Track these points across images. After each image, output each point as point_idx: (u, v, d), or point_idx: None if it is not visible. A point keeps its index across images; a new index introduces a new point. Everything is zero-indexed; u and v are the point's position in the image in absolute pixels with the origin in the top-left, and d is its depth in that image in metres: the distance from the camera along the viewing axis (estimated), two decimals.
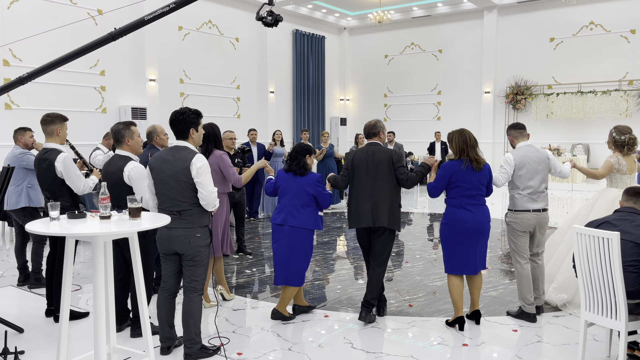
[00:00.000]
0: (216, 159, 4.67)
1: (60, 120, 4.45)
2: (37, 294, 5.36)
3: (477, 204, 4.28)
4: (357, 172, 4.47)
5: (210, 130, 4.69)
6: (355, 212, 4.46)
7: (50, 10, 10.78)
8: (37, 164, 4.44)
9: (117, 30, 4.69)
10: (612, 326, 3.33)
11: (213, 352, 3.80)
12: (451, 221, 4.30)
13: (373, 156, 4.42)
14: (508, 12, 16.35)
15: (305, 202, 4.38)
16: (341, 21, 18.90)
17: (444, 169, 4.30)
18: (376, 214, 4.37)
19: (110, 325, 3.17)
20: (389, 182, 4.40)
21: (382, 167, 4.39)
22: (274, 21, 4.85)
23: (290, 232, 4.36)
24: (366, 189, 4.42)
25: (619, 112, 14.49)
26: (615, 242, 3.18)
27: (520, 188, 4.49)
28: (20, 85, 4.92)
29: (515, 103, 16.07)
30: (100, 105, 11.83)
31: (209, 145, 4.69)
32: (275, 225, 4.45)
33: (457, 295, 4.35)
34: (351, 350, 3.95)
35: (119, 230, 2.86)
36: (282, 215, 4.40)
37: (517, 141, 4.66)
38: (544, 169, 4.52)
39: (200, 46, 14.11)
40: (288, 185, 4.43)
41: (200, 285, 3.68)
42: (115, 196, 3.80)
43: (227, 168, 4.70)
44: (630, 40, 14.49)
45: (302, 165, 4.42)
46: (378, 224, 4.38)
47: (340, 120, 18.89)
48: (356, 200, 4.46)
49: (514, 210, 4.52)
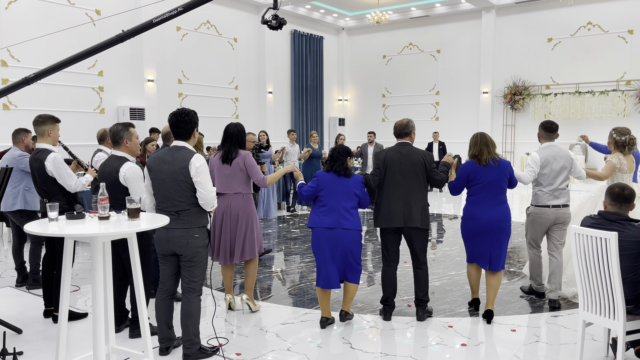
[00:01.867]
0: (242, 158, 4.57)
1: (52, 122, 4.45)
2: (36, 294, 5.35)
3: (496, 202, 4.44)
4: (389, 171, 4.47)
5: (235, 130, 4.60)
6: (386, 212, 4.47)
7: (48, 11, 10.77)
8: (31, 164, 4.48)
9: (124, 32, 4.73)
10: (610, 326, 3.34)
11: (212, 353, 3.80)
12: (468, 218, 4.54)
13: (407, 156, 4.46)
14: (506, 13, 16.38)
15: (354, 204, 4.36)
16: (339, 21, 18.91)
17: (462, 168, 4.53)
18: (408, 214, 4.41)
19: (109, 325, 3.16)
20: (421, 182, 4.46)
21: (415, 167, 4.43)
22: (278, 24, 4.96)
23: (344, 234, 4.27)
24: (398, 188, 4.43)
25: (617, 112, 14.52)
26: (613, 242, 3.19)
27: (544, 185, 4.83)
28: (26, 85, 4.94)
29: (513, 103, 16.10)
30: (98, 106, 11.82)
31: (232, 145, 4.59)
32: (322, 229, 4.30)
33: (472, 281, 4.79)
34: (350, 351, 3.95)
35: (118, 230, 2.85)
36: (331, 217, 4.28)
37: (544, 140, 4.99)
38: (566, 169, 4.83)
39: (199, 46, 14.10)
40: (333, 187, 4.34)
41: (198, 286, 3.68)
42: (111, 197, 3.80)
43: (253, 167, 4.60)
44: (628, 40, 14.53)
45: (345, 167, 4.38)
46: (410, 224, 4.42)
47: (339, 120, 18.90)
48: (387, 200, 4.47)
49: (536, 205, 4.91)
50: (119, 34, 4.75)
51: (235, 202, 4.55)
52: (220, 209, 4.58)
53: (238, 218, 4.54)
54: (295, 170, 4.87)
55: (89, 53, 4.94)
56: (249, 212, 4.61)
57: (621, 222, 3.42)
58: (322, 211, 4.34)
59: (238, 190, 4.56)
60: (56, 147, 4.49)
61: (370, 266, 6.48)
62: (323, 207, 4.34)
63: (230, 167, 4.54)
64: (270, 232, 8.72)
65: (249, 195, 4.63)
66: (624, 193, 3.51)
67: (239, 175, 4.55)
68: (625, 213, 3.51)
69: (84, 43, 10.78)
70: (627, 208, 3.51)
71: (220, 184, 4.58)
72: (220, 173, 4.58)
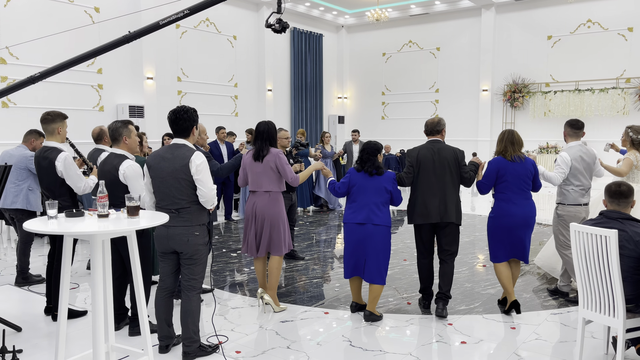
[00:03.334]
0: (273, 156, 4.58)
1: (61, 119, 4.44)
2: (35, 292, 5.35)
3: (524, 197, 4.55)
4: (422, 168, 4.55)
5: (265, 128, 4.60)
6: (422, 208, 4.53)
7: (47, 8, 10.74)
8: (37, 162, 4.42)
9: (131, 33, 4.79)
10: (609, 324, 3.34)
11: (211, 351, 3.80)
12: (499, 214, 4.59)
13: (439, 153, 4.54)
14: (506, 10, 16.36)
15: (385, 200, 4.44)
16: (339, 19, 18.88)
17: (489, 165, 4.60)
18: (444, 210, 4.49)
19: (108, 323, 3.16)
20: (454, 179, 4.55)
21: (448, 164, 4.53)
22: (281, 28, 5.13)
23: (375, 230, 4.36)
24: (433, 185, 4.51)
25: (617, 110, 14.52)
26: (613, 239, 3.18)
27: (574, 184, 4.87)
28: (31, 84, 4.98)
29: (513, 101, 16.10)
30: (97, 104, 11.80)
31: (263, 143, 4.59)
32: (353, 225, 4.41)
33: (505, 280, 4.66)
34: (349, 348, 3.95)
35: (117, 228, 2.85)
36: (362, 214, 4.39)
37: (570, 139, 5.04)
38: (593, 167, 4.95)
39: (198, 44, 14.08)
40: (365, 184, 4.42)
41: (198, 283, 3.68)
42: (111, 195, 3.79)
43: (285, 166, 4.59)
44: (628, 38, 14.52)
45: (377, 166, 4.44)
46: (446, 219, 4.50)
47: (338, 118, 18.89)
48: (422, 197, 4.53)
49: (566, 204, 4.90)
50: (126, 35, 4.80)
51: (262, 201, 4.59)
52: (250, 205, 4.67)
53: (264, 217, 4.59)
54: (324, 168, 4.87)
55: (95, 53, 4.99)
56: (275, 212, 4.61)
57: (622, 220, 3.42)
58: (354, 207, 4.45)
59: (267, 188, 4.59)
60: (64, 145, 4.48)
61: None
62: (354, 202, 4.46)
63: (262, 165, 4.58)
64: None
65: (277, 194, 4.63)
66: (620, 189, 3.51)
67: (270, 173, 4.57)
68: (625, 210, 3.51)
69: (83, 41, 10.79)
70: (626, 204, 3.50)
71: (251, 182, 4.66)
72: (252, 171, 4.63)
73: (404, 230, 8.49)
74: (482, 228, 8.57)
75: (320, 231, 8.59)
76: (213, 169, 4.87)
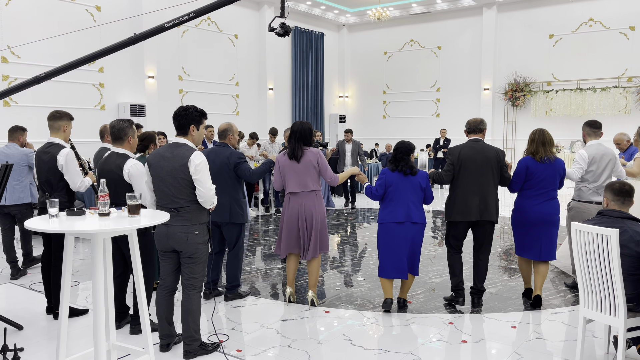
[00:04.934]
0: (315, 155, 4.57)
1: (68, 118, 4.54)
2: (37, 290, 5.36)
3: (547, 197, 4.69)
4: (464, 167, 4.61)
5: (299, 128, 4.59)
6: (462, 206, 4.62)
7: (49, 7, 10.75)
8: (38, 156, 4.48)
9: (137, 35, 4.86)
10: (610, 323, 3.34)
11: (212, 349, 3.80)
12: (517, 210, 4.81)
13: (482, 152, 4.63)
14: (507, 9, 16.34)
15: (421, 198, 4.56)
16: (340, 18, 18.86)
17: (519, 164, 4.75)
18: (484, 208, 4.60)
19: (109, 322, 3.16)
20: (494, 177, 4.67)
21: (490, 163, 4.62)
22: (284, 32, 5.21)
23: (412, 228, 4.50)
24: (474, 183, 4.59)
25: (618, 109, 14.50)
26: (614, 239, 3.18)
27: (590, 182, 5.01)
28: (36, 84, 5.05)
29: (515, 100, 16.08)
30: (99, 102, 11.81)
31: (297, 143, 4.58)
32: (392, 224, 4.50)
33: (524, 272, 5.02)
34: (350, 347, 3.95)
35: (118, 227, 2.85)
36: (400, 213, 4.48)
37: (590, 138, 5.15)
38: (610, 167, 5.03)
39: (199, 43, 14.08)
40: (401, 183, 4.52)
41: (199, 282, 3.68)
42: (113, 194, 3.80)
43: (327, 165, 4.61)
44: (630, 36, 14.49)
45: (410, 166, 4.52)
46: (485, 217, 4.61)
47: (339, 117, 18.88)
48: (463, 195, 4.61)
49: (579, 200, 5.08)
50: (132, 36, 4.87)
51: (309, 201, 4.59)
52: (294, 208, 4.60)
53: (312, 217, 4.59)
54: (360, 174, 4.88)
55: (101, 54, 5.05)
56: (322, 211, 4.67)
57: (623, 219, 3.42)
58: (391, 206, 4.52)
59: (312, 187, 4.59)
60: (67, 144, 4.52)
61: (370, 263, 6.48)
62: (392, 202, 4.53)
63: (301, 165, 4.56)
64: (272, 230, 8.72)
65: (320, 193, 4.66)
66: (625, 188, 3.52)
67: (312, 172, 4.57)
68: (627, 209, 3.51)
69: (85, 39, 10.80)
70: (629, 203, 3.52)
71: (292, 183, 4.60)
72: (292, 171, 4.59)
73: None
74: None
75: None
76: (245, 173, 4.75)
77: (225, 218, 4.78)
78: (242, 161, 4.76)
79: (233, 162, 4.73)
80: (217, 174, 4.64)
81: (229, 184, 4.75)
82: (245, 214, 4.85)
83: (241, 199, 4.83)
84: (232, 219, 4.78)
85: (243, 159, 4.78)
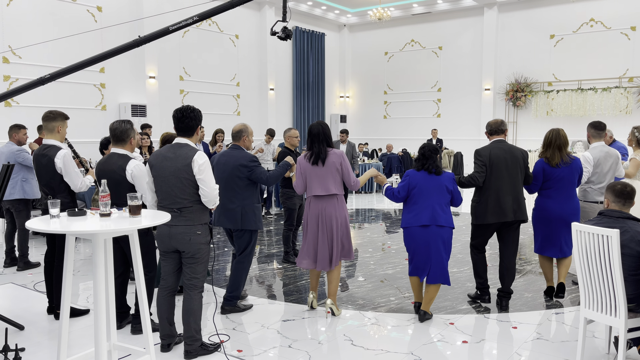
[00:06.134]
0: (338, 157, 4.43)
1: (62, 118, 4.48)
2: (38, 290, 5.37)
3: (567, 196, 4.78)
4: (495, 167, 4.60)
5: (319, 130, 4.44)
6: (495, 207, 4.60)
7: (50, 7, 10.75)
8: (36, 159, 4.46)
9: (142, 37, 4.89)
10: (611, 323, 3.34)
11: (213, 349, 3.80)
12: (538, 209, 4.91)
13: (511, 152, 4.66)
14: (508, 9, 16.33)
15: (447, 200, 4.38)
16: (341, 18, 18.86)
17: (535, 167, 4.81)
18: (517, 208, 4.63)
19: (110, 322, 3.17)
20: (522, 177, 4.71)
21: (518, 163, 4.67)
22: (286, 36, 5.29)
23: (439, 232, 4.31)
24: (506, 184, 4.61)
25: (619, 109, 14.48)
26: (615, 239, 3.18)
27: (595, 183, 5.09)
28: (40, 85, 5.09)
29: (516, 100, 16.06)
30: (100, 103, 11.82)
31: (321, 145, 4.43)
32: (416, 228, 4.32)
33: (545, 269, 5.08)
34: (351, 347, 3.95)
35: (119, 227, 2.85)
36: (425, 216, 4.30)
37: (594, 140, 5.23)
38: (614, 167, 5.12)
39: (200, 43, 14.08)
40: (427, 185, 4.34)
41: (200, 282, 3.68)
42: (115, 194, 3.80)
43: (349, 169, 4.46)
44: (631, 37, 14.47)
45: (437, 165, 4.41)
46: (518, 217, 4.64)
47: (340, 117, 18.88)
48: (496, 195, 4.60)
49: (584, 200, 5.16)
50: (136, 39, 4.92)
51: (331, 206, 4.44)
52: (314, 212, 4.47)
53: (332, 222, 4.44)
54: (379, 175, 4.76)
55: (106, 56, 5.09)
56: (344, 215, 4.52)
57: (624, 220, 3.42)
58: (416, 209, 4.35)
59: (335, 191, 4.43)
60: (64, 144, 4.51)
61: (371, 263, 6.48)
62: (415, 205, 4.36)
63: (324, 168, 4.41)
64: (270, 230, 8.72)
65: (342, 197, 4.53)
66: (627, 190, 3.51)
67: (335, 175, 4.42)
68: (628, 211, 3.51)
69: (85, 39, 10.80)
70: (630, 204, 3.51)
71: (314, 186, 4.45)
72: (314, 174, 4.44)
73: None
74: None
75: None
76: (262, 177, 4.51)
77: (236, 225, 4.51)
78: (255, 165, 4.52)
79: (246, 166, 4.49)
80: (228, 178, 4.49)
81: (241, 188, 4.51)
82: (258, 220, 4.58)
83: (255, 203, 4.57)
84: (243, 225, 4.51)
85: (256, 162, 4.55)
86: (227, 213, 4.50)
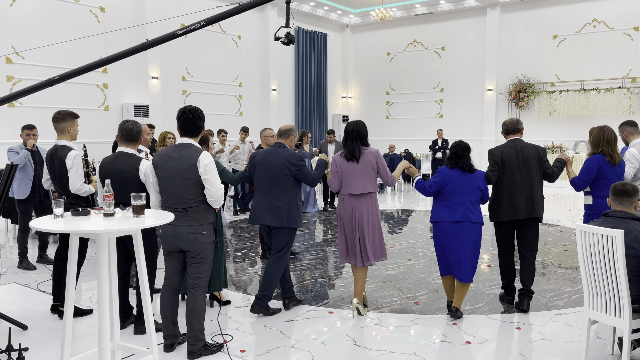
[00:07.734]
0: (374, 156, 4.44)
1: (71, 118, 4.49)
2: (41, 290, 5.37)
3: None
4: (507, 166, 4.64)
5: (354, 127, 4.45)
6: (508, 205, 4.62)
7: (53, 7, 10.77)
8: (50, 161, 4.47)
9: (149, 41, 4.95)
10: (615, 324, 3.33)
11: (216, 349, 3.80)
12: (594, 208, 4.66)
13: (522, 151, 4.66)
14: (511, 10, 16.31)
15: (478, 198, 4.49)
16: (343, 19, 18.86)
17: (590, 163, 4.60)
18: (531, 205, 4.62)
19: (114, 322, 3.17)
20: (538, 175, 4.67)
21: (531, 161, 4.65)
22: (288, 41, 5.35)
23: (471, 228, 4.40)
24: (519, 182, 4.62)
25: (622, 109, 14.44)
26: (619, 240, 3.17)
27: (638, 179, 4.89)
28: (49, 86, 5.11)
29: (518, 100, 16.04)
30: (102, 103, 11.84)
31: (354, 142, 4.44)
32: (448, 224, 4.40)
33: None
34: (354, 348, 3.95)
35: (123, 227, 2.86)
36: (458, 212, 4.40)
37: (633, 137, 5.10)
38: None
39: (203, 44, 14.10)
40: (459, 182, 4.44)
41: (204, 282, 3.68)
42: (124, 193, 3.79)
43: (385, 166, 4.49)
44: (634, 37, 14.44)
45: (470, 163, 4.49)
46: (533, 214, 4.63)
47: (343, 117, 18.88)
48: (509, 193, 4.62)
49: None
50: (144, 42, 4.98)
51: (365, 204, 4.45)
52: (348, 210, 4.48)
53: (364, 220, 4.44)
54: (411, 167, 4.77)
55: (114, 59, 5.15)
56: (377, 214, 4.55)
57: (628, 220, 3.41)
58: (448, 205, 4.45)
59: (370, 190, 4.45)
60: (75, 145, 4.51)
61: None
62: (448, 201, 4.45)
63: (360, 166, 4.42)
64: None
65: (375, 195, 4.55)
66: (624, 188, 3.52)
67: (371, 174, 4.45)
68: (629, 210, 3.50)
69: (89, 40, 10.81)
70: (629, 203, 3.49)
71: (349, 184, 4.46)
72: (349, 173, 4.45)
73: (409, 230, 8.47)
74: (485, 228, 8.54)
75: (323, 230, 8.59)
76: (309, 178, 4.52)
77: (282, 222, 4.47)
78: (303, 164, 4.54)
79: (295, 165, 4.48)
80: (275, 175, 4.48)
81: (288, 186, 4.50)
82: (300, 219, 4.59)
83: (299, 201, 4.59)
84: (289, 222, 4.49)
85: (304, 162, 4.57)
86: (273, 210, 4.47)
